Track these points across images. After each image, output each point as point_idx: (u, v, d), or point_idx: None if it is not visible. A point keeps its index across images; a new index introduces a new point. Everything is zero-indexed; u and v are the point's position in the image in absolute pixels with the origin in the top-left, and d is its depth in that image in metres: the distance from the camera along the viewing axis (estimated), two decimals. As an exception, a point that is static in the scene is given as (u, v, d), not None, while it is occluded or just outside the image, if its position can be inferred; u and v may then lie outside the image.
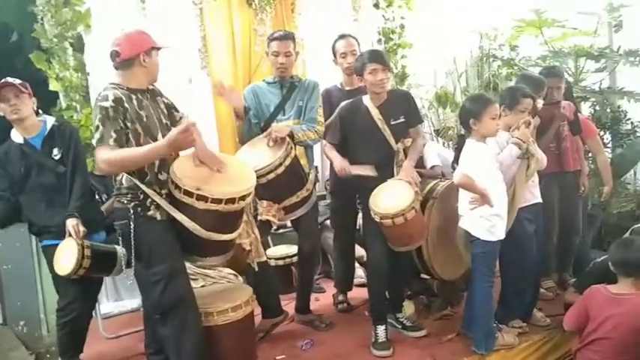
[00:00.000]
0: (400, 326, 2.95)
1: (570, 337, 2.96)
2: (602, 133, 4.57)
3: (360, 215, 3.21)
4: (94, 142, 2.17)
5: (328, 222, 3.72)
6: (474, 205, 2.64)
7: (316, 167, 3.63)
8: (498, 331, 2.80)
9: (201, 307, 2.42)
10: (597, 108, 4.59)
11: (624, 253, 2.54)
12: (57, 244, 2.62)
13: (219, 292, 2.74)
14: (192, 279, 2.59)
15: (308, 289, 3.25)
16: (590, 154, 3.88)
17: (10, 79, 2.65)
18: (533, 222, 2.84)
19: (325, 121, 3.06)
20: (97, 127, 2.15)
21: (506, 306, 2.89)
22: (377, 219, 2.68)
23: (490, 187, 2.62)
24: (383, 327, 2.81)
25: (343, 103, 3.05)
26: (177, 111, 2.49)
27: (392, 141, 2.84)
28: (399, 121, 2.86)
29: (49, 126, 2.75)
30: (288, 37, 3.02)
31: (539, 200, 2.91)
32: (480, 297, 2.73)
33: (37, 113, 2.77)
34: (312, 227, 3.12)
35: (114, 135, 2.14)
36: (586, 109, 4.61)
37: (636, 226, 3.24)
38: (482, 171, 2.63)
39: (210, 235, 2.27)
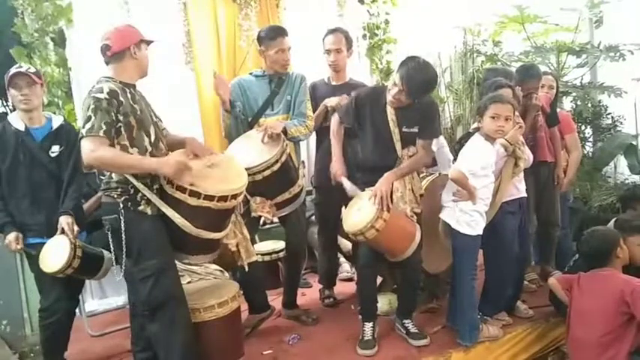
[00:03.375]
0: (404, 332, 2.86)
1: (553, 327, 3.03)
2: (583, 127, 4.67)
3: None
4: (82, 131, 2.14)
5: (314, 217, 3.74)
6: (456, 199, 2.69)
7: (303, 162, 3.65)
8: (483, 324, 2.85)
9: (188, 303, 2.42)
10: (579, 103, 4.65)
11: (585, 246, 2.69)
12: (40, 242, 2.59)
13: (206, 288, 2.73)
14: (179, 275, 2.58)
15: (295, 284, 3.26)
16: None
17: (24, 67, 2.62)
18: (516, 215, 2.88)
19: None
20: (89, 117, 2.13)
21: (490, 298, 2.93)
22: (350, 236, 2.67)
23: (479, 185, 2.66)
24: (370, 324, 2.81)
25: (365, 88, 3.00)
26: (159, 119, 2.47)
27: (398, 146, 2.75)
28: (411, 130, 2.73)
29: (55, 123, 2.73)
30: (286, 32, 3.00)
31: (524, 195, 2.95)
32: (463, 290, 2.77)
33: None
34: (300, 223, 3.12)
35: (104, 127, 2.12)
36: (568, 104, 4.69)
37: (618, 217, 3.31)
38: (480, 169, 2.67)
39: (199, 232, 2.27)
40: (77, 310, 2.95)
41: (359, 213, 2.62)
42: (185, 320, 2.33)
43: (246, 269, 2.62)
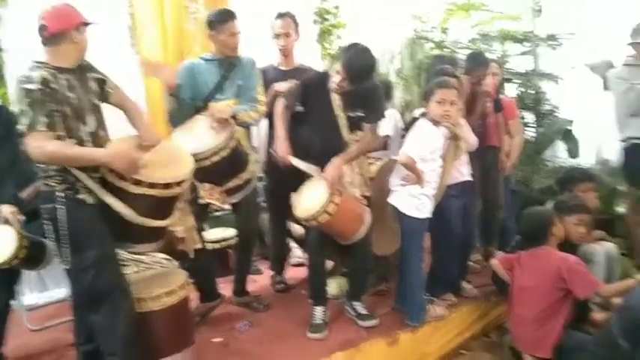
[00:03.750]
0: (354, 314, 2.90)
1: (495, 306, 3.16)
2: (525, 113, 4.84)
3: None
4: (23, 128, 2.04)
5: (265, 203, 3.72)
6: (404, 183, 2.74)
7: (255, 148, 3.61)
8: (429, 304, 2.93)
9: (134, 293, 2.36)
10: (522, 90, 4.82)
11: (522, 226, 2.86)
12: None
13: (153, 277, 2.67)
14: (124, 265, 2.51)
15: (245, 271, 3.25)
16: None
17: None
18: (460, 199, 2.97)
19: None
20: (25, 112, 2.02)
21: (436, 280, 3.02)
22: (301, 221, 2.69)
23: (428, 169, 2.71)
24: (321, 308, 2.84)
25: (314, 72, 2.98)
26: (111, 85, 2.34)
27: (345, 131, 2.77)
28: (357, 114, 2.76)
29: None
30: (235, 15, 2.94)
31: (468, 178, 3.04)
32: (411, 272, 2.84)
33: None
34: (251, 209, 3.09)
35: (44, 120, 2.03)
36: (512, 90, 4.84)
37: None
38: (427, 153, 2.72)
39: (143, 220, 2.21)
40: (16, 304, 2.83)
41: (310, 198, 2.63)
42: (129, 311, 2.27)
43: (191, 257, 2.58)
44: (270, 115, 3.15)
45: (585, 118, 4.71)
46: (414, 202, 2.75)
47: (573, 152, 4.80)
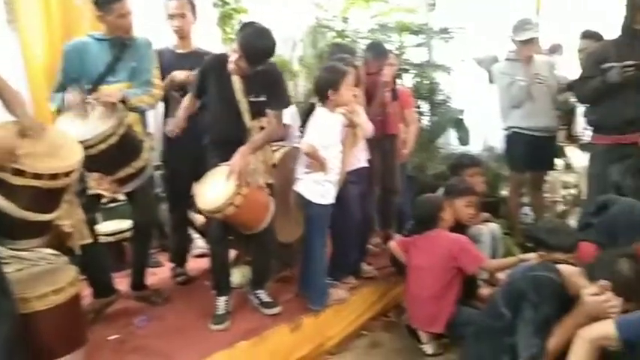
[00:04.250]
0: (258, 302, 2.88)
1: (394, 286, 3.31)
2: (421, 102, 5.09)
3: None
4: None
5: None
6: (309, 171, 2.77)
7: (150, 134, 3.44)
8: (331, 288, 3.01)
9: (16, 293, 2.16)
10: (417, 80, 5.05)
11: (415, 212, 3.05)
12: None
13: (39, 274, 2.47)
14: (4, 263, 2.29)
15: (143, 264, 3.11)
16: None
17: None
18: (358, 185, 3.07)
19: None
20: None
21: (337, 264, 3.10)
22: (205, 213, 2.62)
23: (331, 156, 2.75)
24: (224, 298, 2.80)
25: (212, 55, 2.88)
26: None
27: (246, 117, 2.70)
28: (259, 99, 2.69)
29: None
30: None
31: (365, 165, 3.14)
32: (315, 257, 2.88)
33: None
34: (148, 199, 2.95)
35: None
36: (408, 80, 5.05)
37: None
38: (329, 140, 2.75)
39: (25, 214, 2.04)
40: None
41: (215, 189, 2.56)
42: (10, 313, 2.08)
43: (78, 252, 2.43)
44: (166, 100, 3.03)
45: (474, 108, 5.06)
46: (319, 189, 2.80)
47: (464, 140, 5.14)
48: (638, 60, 3.14)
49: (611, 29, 3.45)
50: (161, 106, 3.19)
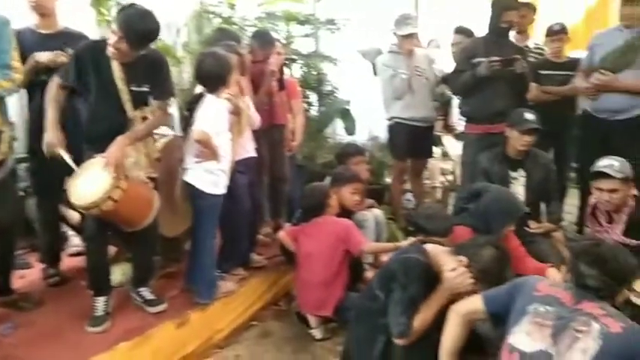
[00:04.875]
0: (141, 300, 2.75)
1: (284, 275, 3.33)
2: (309, 93, 5.15)
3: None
4: None
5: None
6: (200, 160, 2.68)
7: (12, 123, 3.11)
8: (220, 280, 2.95)
9: None
10: (305, 70, 5.10)
11: (303, 202, 3.08)
12: None
13: None
14: None
15: (8, 266, 2.81)
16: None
17: None
18: (246, 174, 3.03)
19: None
20: None
21: (226, 255, 3.04)
22: (80, 209, 2.44)
23: (222, 143, 2.69)
24: (103, 299, 2.63)
25: (90, 41, 2.65)
26: None
27: (128, 106, 2.52)
28: (141, 88, 2.54)
29: None
30: None
31: (252, 154, 3.11)
32: (205, 249, 2.81)
33: None
34: (10, 195, 2.66)
35: None
36: (296, 71, 5.08)
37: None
38: (219, 127, 2.69)
39: None
40: None
41: (90, 183, 2.37)
42: None
43: None
44: (29, 86, 2.75)
45: (360, 99, 5.23)
46: (211, 178, 2.72)
47: (350, 130, 5.30)
48: (504, 56, 3.45)
49: (485, 25, 3.71)
50: (24, 92, 2.88)
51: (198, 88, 2.97)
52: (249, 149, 3.07)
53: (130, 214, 2.53)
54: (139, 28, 2.40)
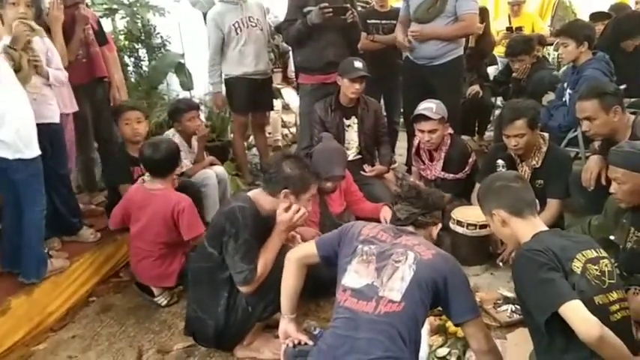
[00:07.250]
0: None
1: (122, 245, 3.10)
2: (137, 46, 4.75)
3: None
4: None
5: None
6: None
7: None
8: (49, 258, 2.65)
9: None
10: (128, 21, 4.66)
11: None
12: None
13: None
14: None
15: None
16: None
17: None
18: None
19: None
20: None
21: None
22: None
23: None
24: None
25: None
26: None
27: None
28: None
29: None
30: None
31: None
32: (33, 223, 2.49)
33: None
34: None
35: None
36: (118, 22, 4.63)
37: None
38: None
39: None
40: None
41: None
42: None
43: None
44: None
45: (195, 51, 4.95)
46: (18, 143, 2.35)
47: (187, 85, 5.02)
48: (334, 4, 3.47)
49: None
50: None
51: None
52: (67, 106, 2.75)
53: None
54: None
